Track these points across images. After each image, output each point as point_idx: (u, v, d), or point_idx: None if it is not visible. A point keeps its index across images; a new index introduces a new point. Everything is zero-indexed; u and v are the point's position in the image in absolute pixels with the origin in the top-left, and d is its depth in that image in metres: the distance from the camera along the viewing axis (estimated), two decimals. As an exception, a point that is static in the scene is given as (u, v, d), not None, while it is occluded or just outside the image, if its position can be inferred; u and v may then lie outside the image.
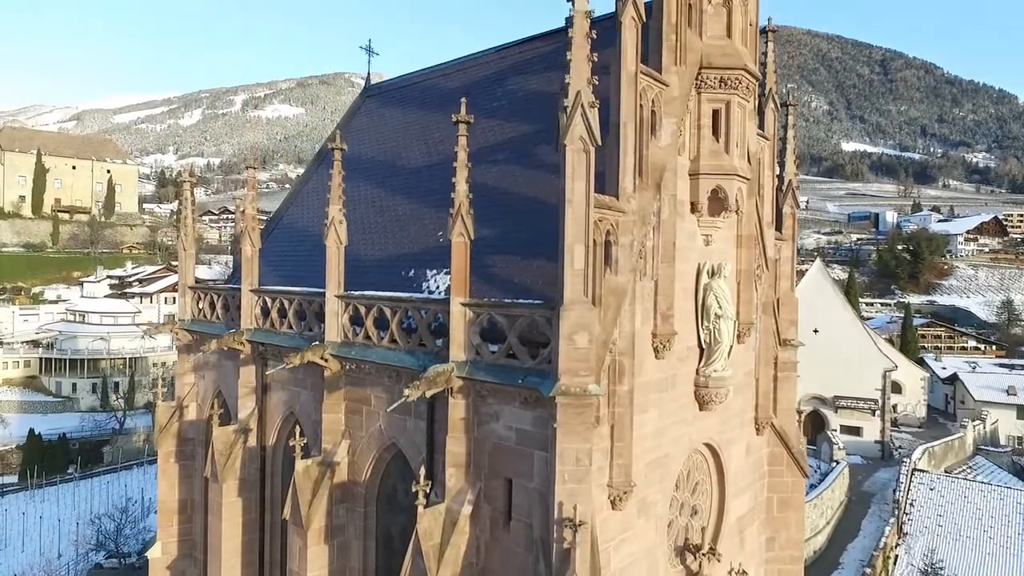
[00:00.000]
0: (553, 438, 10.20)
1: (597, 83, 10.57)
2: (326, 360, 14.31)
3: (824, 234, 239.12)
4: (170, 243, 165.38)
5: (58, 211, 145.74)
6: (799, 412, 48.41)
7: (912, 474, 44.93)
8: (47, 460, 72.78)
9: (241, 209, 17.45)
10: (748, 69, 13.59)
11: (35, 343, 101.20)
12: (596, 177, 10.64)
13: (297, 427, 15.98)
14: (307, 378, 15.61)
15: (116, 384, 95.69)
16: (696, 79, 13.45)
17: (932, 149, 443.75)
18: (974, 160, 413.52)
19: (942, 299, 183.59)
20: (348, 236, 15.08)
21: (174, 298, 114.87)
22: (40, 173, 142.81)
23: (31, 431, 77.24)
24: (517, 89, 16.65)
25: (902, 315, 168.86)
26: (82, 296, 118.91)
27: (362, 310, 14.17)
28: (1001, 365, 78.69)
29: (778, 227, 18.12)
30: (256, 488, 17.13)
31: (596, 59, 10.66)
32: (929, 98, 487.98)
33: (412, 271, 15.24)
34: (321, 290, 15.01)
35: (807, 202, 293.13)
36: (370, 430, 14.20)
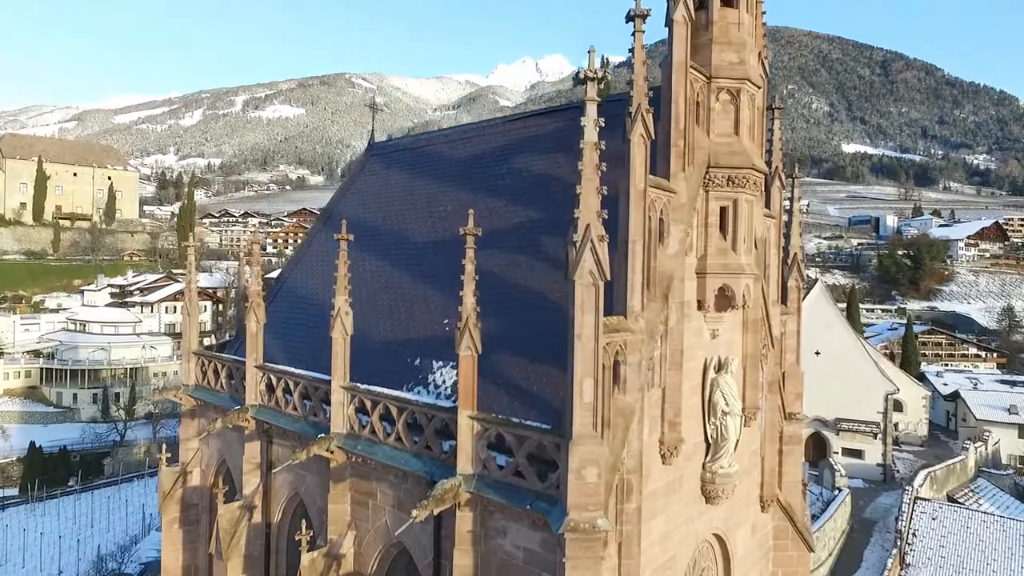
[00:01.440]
0: (562, 570, 10.17)
1: (604, 170, 10.50)
2: (332, 452, 14.30)
3: (825, 238, 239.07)
4: (171, 247, 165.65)
5: (59, 218, 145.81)
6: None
7: (914, 503, 44.85)
8: (48, 473, 72.84)
9: (246, 282, 17.42)
10: (756, 167, 13.55)
11: (36, 353, 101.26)
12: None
13: (302, 506, 15.95)
14: (313, 462, 15.59)
15: (117, 394, 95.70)
16: (704, 177, 13.42)
17: (933, 151, 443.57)
18: (975, 162, 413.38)
19: (943, 305, 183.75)
20: (353, 310, 15.06)
21: (175, 307, 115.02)
22: (41, 180, 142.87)
23: (32, 444, 77.31)
24: (522, 168, 16.62)
25: (903, 322, 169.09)
26: (83, 305, 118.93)
27: (368, 404, 14.15)
28: (1003, 382, 78.46)
29: (783, 300, 18.08)
30: (260, 565, 17.13)
31: (604, 147, 10.62)
32: (930, 99, 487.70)
33: (418, 359, 15.22)
34: (327, 378, 14.98)
35: (808, 205, 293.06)
36: (376, 524, 14.19)
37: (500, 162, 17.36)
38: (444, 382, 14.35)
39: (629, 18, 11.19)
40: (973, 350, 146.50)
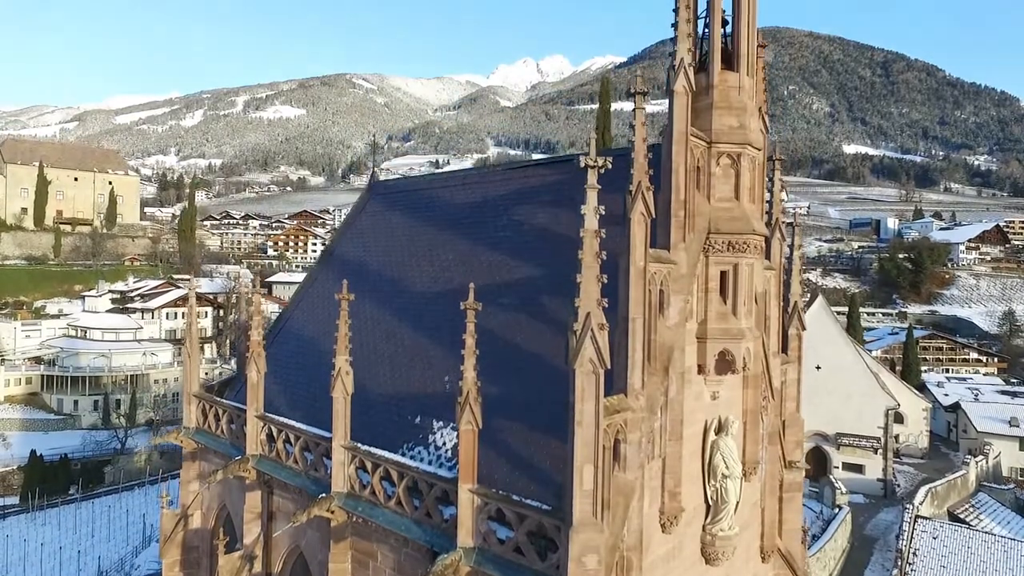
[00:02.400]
0: (562, 653, 10.19)
1: (604, 236, 10.50)
2: (332, 512, 14.32)
3: (825, 241, 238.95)
4: (171, 249, 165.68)
5: (60, 223, 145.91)
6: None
7: (915, 521, 44.84)
8: (48, 481, 72.94)
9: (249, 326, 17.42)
10: (756, 232, 13.55)
11: (37, 359, 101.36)
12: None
13: (303, 559, 15.96)
14: (314, 518, 15.59)
15: (117, 401, 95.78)
16: (704, 243, 13.41)
17: (934, 151, 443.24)
18: (976, 163, 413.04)
19: (944, 309, 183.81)
20: (353, 357, 15.08)
21: (176, 313, 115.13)
22: (42, 185, 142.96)
23: (32, 452, 77.41)
24: (523, 221, 16.61)
25: (904, 326, 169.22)
26: (84, 310, 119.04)
27: (369, 465, 14.17)
28: (1004, 392, 78.37)
29: (784, 349, 18.08)
30: (262, 615, 17.16)
31: (604, 210, 10.63)
32: (931, 100, 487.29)
33: (419, 418, 15.24)
34: (327, 435, 15.00)
35: (808, 207, 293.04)
36: (377, 586, 14.22)
37: (501, 212, 17.36)
38: (444, 444, 14.38)
39: (629, 94, 11.18)
40: (974, 355, 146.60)
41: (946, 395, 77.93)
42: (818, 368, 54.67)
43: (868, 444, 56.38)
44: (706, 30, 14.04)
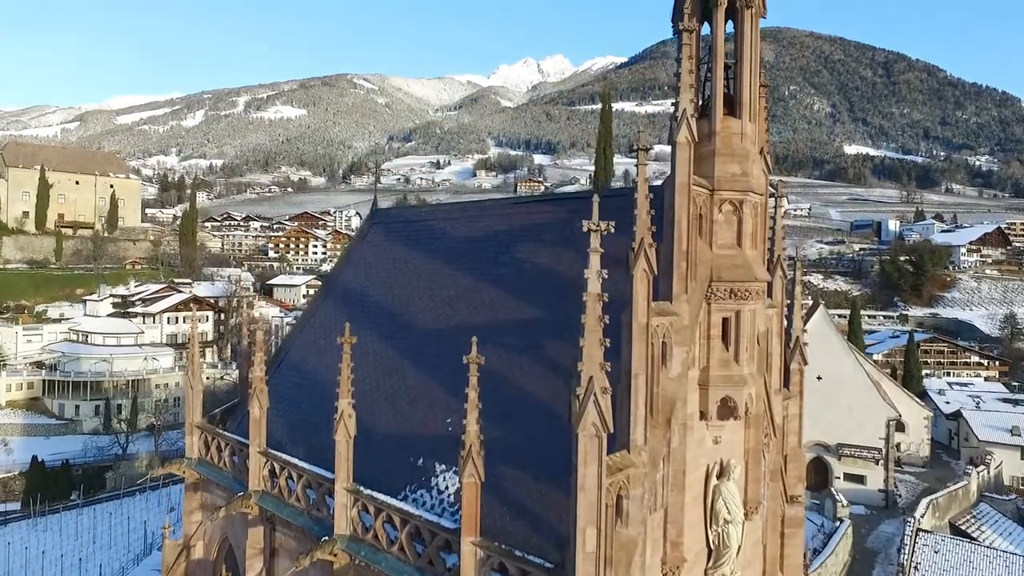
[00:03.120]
0: None
1: (607, 276, 10.53)
2: (335, 555, 14.35)
3: (827, 243, 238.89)
4: (172, 251, 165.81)
5: (61, 227, 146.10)
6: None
7: (916, 534, 44.83)
8: (50, 487, 73.06)
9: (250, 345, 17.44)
10: (758, 279, 13.56)
11: (39, 364, 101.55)
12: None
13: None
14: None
15: (119, 406, 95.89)
16: (707, 290, 13.42)
17: (935, 152, 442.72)
18: (977, 163, 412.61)
19: (945, 312, 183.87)
20: (355, 391, 15.12)
21: (177, 318, 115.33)
22: (44, 188, 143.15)
23: (34, 458, 77.52)
24: (525, 259, 16.62)
25: (905, 329, 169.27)
26: (85, 315, 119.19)
27: (371, 509, 14.20)
28: (1005, 400, 78.28)
29: (785, 383, 18.07)
30: (265, 650, 17.20)
31: (605, 251, 10.65)
32: (932, 101, 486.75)
33: (421, 460, 15.26)
34: (330, 476, 15.03)
35: (809, 209, 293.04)
36: (380, 629, 14.23)
37: (503, 248, 17.37)
38: (447, 488, 14.40)
39: (632, 150, 11.20)
40: (975, 358, 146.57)
41: (947, 403, 77.81)
42: (819, 379, 54.66)
43: (869, 455, 56.36)
44: (708, 75, 14.05)
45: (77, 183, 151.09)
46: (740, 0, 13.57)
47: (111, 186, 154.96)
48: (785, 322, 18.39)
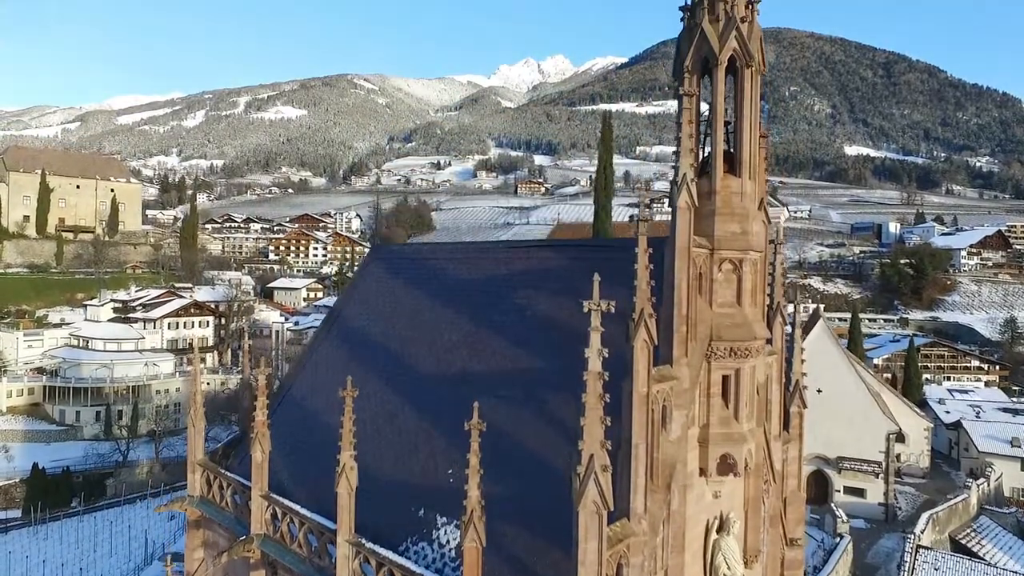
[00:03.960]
0: None
1: (605, 330, 10.60)
2: (337, 608, 14.43)
3: (827, 246, 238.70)
4: (173, 253, 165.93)
5: (62, 231, 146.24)
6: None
7: (916, 551, 44.91)
8: (50, 495, 73.15)
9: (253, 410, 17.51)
10: (758, 337, 13.62)
11: (39, 370, 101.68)
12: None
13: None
14: (318, 606, 15.73)
15: (119, 412, 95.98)
16: (707, 349, 13.49)
17: (935, 153, 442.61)
18: (977, 164, 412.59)
19: (945, 315, 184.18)
20: (356, 438, 15.20)
21: (178, 323, 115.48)
22: (45, 193, 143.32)
23: (35, 465, 77.66)
24: (526, 306, 16.68)
25: (906, 333, 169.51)
26: (86, 319, 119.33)
27: (373, 563, 14.28)
28: (1005, 410, 78.30)
29: (785, 426, 18.14)
30: None
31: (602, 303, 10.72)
32: (932, 101, 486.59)
33: (422, 511, 15.34)
34: (332, 526, 15.11)
35: (810, 211, 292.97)
36: None
37: (505, 294, 17.42)
38: (448, 542, 14.48)
39: (632, 220, 11.25)
40: (976, 363, 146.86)
41: (947, 412, 77.85)
42: (819, 392, 54.76)
43: (869, 468, 56.42)
44: (708, 131, 14.11)
45: (78, 187, 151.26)
46: (740, 59, 13.63)
47: (112, 190, 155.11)
48: (785, 364, 18.46)
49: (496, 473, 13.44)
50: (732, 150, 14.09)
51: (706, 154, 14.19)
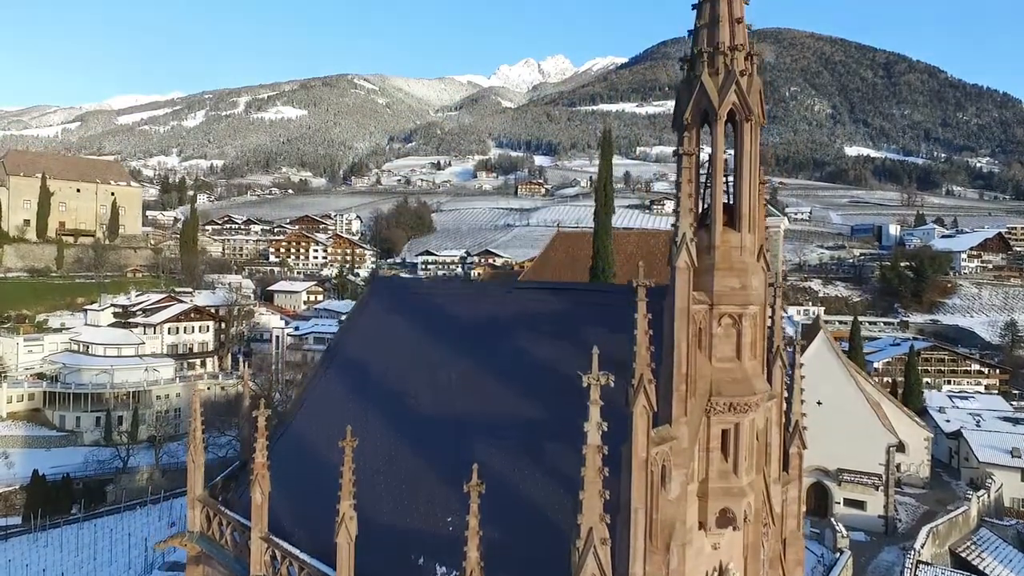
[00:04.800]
0: None
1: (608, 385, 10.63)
2: (337, 657, 14.43)
3: (827, 248, 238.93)
4: (173, 255, 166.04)
5: (63, 235, 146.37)
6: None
7: (916, 567, 44.91)
8: (50, 502, 73.27)
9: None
10: (757, 392, 13.62)
11: (40, 375, 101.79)
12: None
13: None
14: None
15: (120, 418, 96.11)
16: (706, 404, 13.49)
17: (936, 154, 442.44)
18: (978, 165, 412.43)
19: (945, 318, 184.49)
20: (356, 476, 15.22)
21: (178, 328, 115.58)
22: (45, 197, 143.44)
23: (35, 472, 77.77)
24: (526, 349, 16.67)
25: (906, 336, 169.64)
26: (86, 324, 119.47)
27: (372, 615, 14.28)
28: (1006, 419, 78.25)
29: (785, 467, 18.11)
30: None
31: (602, 351, 10.72)
32: (933, 102, 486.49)
33: (421, 558, 15.33)
34: (332, 573, 15.10)
35: (810, 212, 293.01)
36: None
37: (504, 336, 17.41)
38: (447, 592, 14.49)
39: (632, 287, 11.26)
40: (976, 366, 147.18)
41: (948, 421, 77.78)
42: (820, 404, 54.76)
43: (869, 481, 56.36)
44: (708, 182, 14.09)
45: (78, 191, 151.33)
46: (740, 113, 13.62)
47: (112, 194, 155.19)
48: (785, 404, 18.43)
49: (494, 522, 13.45)
50: (732, 202, 14.07)
51: (706, 206, 14.17)
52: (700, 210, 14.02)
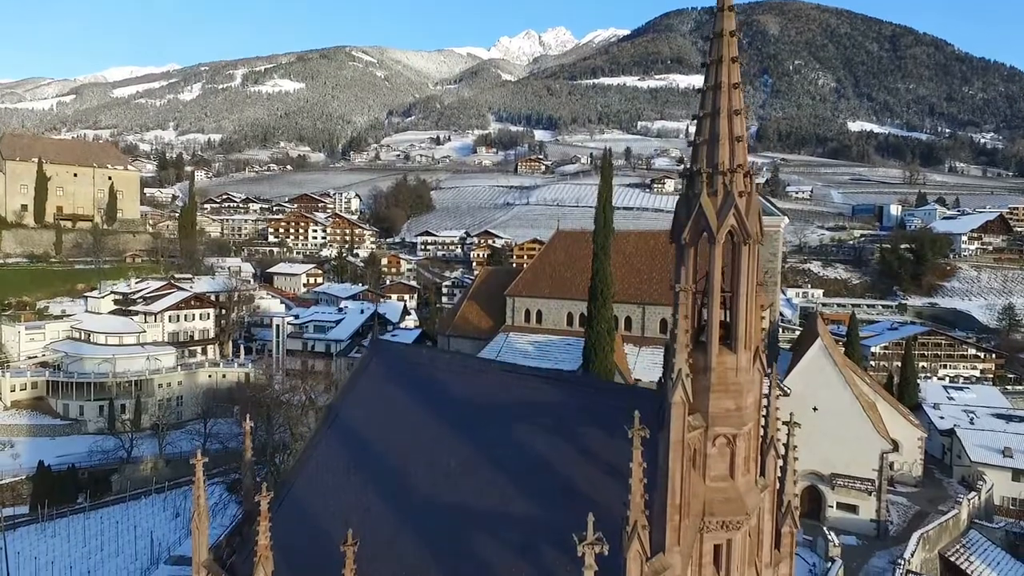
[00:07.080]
0: None
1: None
2: None
3: (828, 229, 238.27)
4: (172, 236, 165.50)
5: (60, 219, 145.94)
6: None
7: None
8: (56, 492, 74.33)
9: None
10: (749, 512, 13.93)
11: (42, 364, 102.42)
12: None
13: None
14: None
15: (123, 406, 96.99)
16: (700, 524, 13.81)
17: (940, 129, 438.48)
18: (982, 141, 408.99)
19: (944, 301, 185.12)
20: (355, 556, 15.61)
21: (178, 315, 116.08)
22: (42, 182, 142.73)
23: (40, 463, 78.77)
24: (524, 440, 16.93)
25: (903, 320, 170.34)
26: (86, 311, 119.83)
27: None
28: (999, 416, 79.07)
29: (777, 546, 18.54)
30: None
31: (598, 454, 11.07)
32: (938, 76, 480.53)
33: (423, 654, 15.81)
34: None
35: (811, 191, 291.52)
36: None
37: (504, 422, 17.68)
38: None
39: (628, 433, 11.48)
40: (972, 351, 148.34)
41: (942, 418, 78.59)
42: (815, 409, 55.45)
43: (862, 486, 57.19)
44: (705, 302, 14.23)
45: (75, 175, 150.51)
46: (738, 235, 13.70)
47: (109, 178, 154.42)
48: (778, 484, 18.79)
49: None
50: (728, 320, 14.22)
51: (702, 321, 14.33)
52: (697, 325, 14.18)
